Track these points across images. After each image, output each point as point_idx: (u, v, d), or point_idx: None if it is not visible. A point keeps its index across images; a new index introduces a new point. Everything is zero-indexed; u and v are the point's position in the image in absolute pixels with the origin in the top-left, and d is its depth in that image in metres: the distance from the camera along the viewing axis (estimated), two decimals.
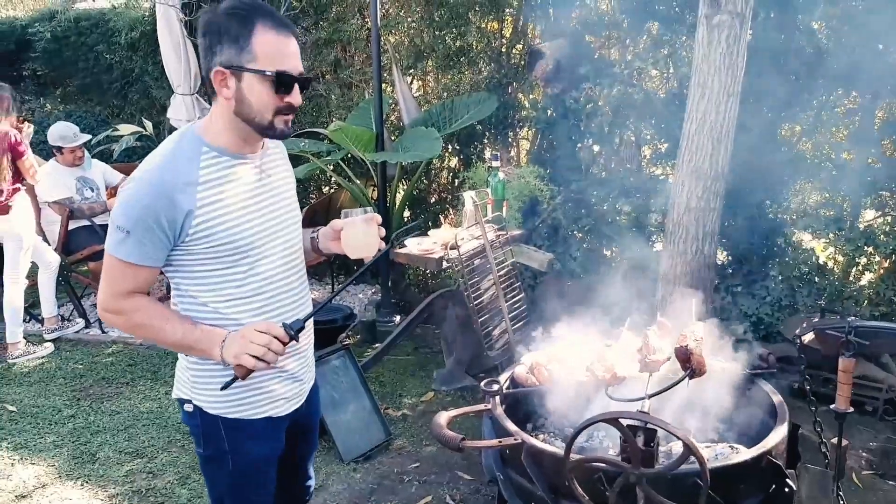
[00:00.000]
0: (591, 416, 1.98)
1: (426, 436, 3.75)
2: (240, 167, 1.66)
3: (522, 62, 5.84)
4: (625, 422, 2.00)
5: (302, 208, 2.41)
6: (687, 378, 2.26)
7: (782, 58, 4.62)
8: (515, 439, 2.29)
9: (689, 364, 2.28)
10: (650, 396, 2.22)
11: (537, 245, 4.62)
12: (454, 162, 6.32)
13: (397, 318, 5.27)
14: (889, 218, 4.57)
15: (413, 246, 3.99)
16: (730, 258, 5.02)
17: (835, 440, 2.37)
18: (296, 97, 1.63)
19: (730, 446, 2.44)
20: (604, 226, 5.13)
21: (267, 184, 1.75)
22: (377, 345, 4.78)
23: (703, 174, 3.81)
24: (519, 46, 5.99)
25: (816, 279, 4.57)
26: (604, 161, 5.77)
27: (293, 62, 1.62)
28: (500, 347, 3.73)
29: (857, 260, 4.53)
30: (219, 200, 1.60)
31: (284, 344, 1.63)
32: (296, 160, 5.52)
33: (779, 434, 2.23)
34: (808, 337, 2.84)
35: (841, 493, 2.14)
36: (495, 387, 2.64)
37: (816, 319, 4.44)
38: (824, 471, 2.15)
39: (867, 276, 4.63)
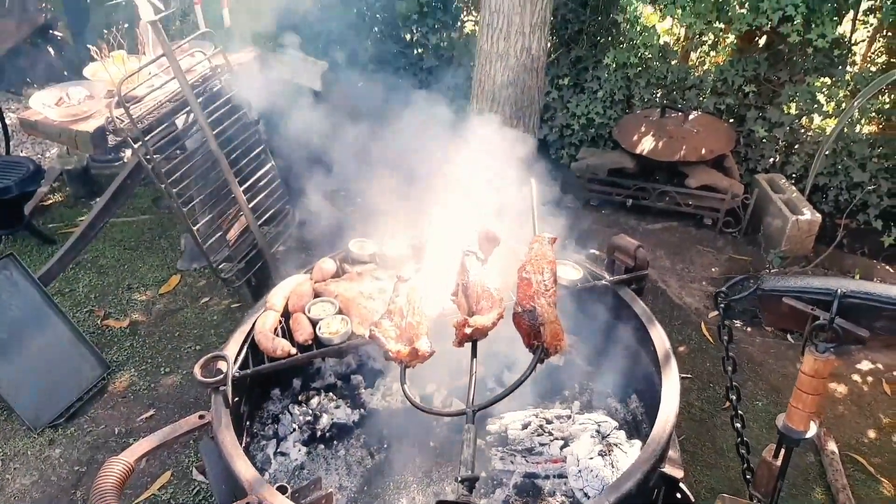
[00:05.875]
0: None
1: (168, 353, 2.64)
2: None
3: None
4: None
5: None
6: (536, 364, 1.33)
7: None
8: None
9: (540, 340, 1.32)
10: (477, 410, 1.27)
11: (307, 51, 3.22)
12: None
13: (127, 154, 3.78)
14: None
15: (42, 104, 2.21)
16: (556, 40, 3.99)
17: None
18: None
19: (596, 424, 1.64)
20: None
21: None
22: (96, 202, 3.37)
23: None
24: None
25: (656, 64, 3.73)
26: None
27: None
28: (239, 258, 2.38)
29: (703, 39, 3.69)
30: None
31: None
32: None
33: (664, 424, 1.43)
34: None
35: None
36: (221, 369, 1.54)
37: (660, 110, 3.70)
38: None
39: (711, 58, 3.85)
